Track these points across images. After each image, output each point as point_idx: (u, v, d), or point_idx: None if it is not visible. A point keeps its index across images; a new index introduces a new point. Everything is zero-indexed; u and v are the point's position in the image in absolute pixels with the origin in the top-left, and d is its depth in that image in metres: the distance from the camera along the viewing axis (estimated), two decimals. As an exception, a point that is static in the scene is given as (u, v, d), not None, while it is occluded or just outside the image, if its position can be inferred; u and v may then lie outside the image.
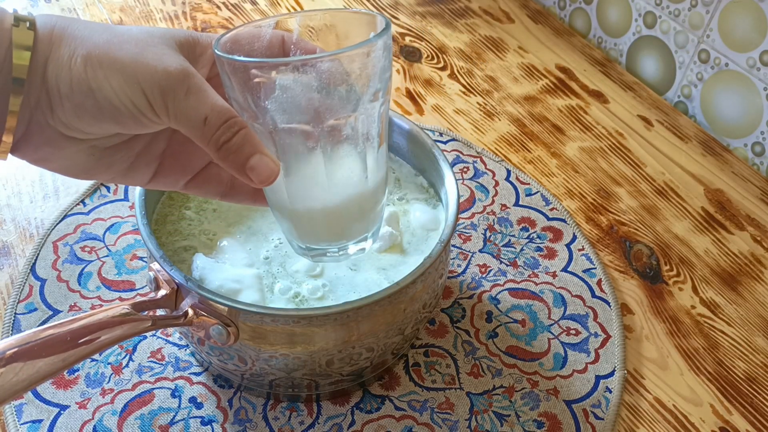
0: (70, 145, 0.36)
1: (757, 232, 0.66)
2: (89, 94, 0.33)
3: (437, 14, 0.89)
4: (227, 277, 0.46)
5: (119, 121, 0.34)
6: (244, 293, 0.45)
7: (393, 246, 0.50)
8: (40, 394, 0.50)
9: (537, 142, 0.73)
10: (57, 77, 0.33)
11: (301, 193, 0.39)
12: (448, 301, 0.57)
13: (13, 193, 0.63)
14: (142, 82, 0.33)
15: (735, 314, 0.59)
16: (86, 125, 0.34)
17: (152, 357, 0.52)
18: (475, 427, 0.50)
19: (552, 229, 0.63)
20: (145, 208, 0.46)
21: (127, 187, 0.64)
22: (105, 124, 0.34)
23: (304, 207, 0.40)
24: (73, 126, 0.34)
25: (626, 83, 0.81)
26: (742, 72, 0.71)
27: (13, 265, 0.58)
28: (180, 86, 0.33)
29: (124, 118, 0.34)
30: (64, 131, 0.35)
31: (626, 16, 0.82)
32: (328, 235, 0.42)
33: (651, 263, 0.63)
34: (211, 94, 0.34)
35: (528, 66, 0.82)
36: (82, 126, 0.34)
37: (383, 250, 0.50)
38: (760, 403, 0.54)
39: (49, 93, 0.33)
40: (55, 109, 0.34)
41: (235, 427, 0.49)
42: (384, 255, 0.50)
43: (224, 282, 0.45)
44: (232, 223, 0.51)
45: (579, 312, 0.57)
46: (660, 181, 0.70)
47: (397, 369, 0.53)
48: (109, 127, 0.35)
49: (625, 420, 0.52)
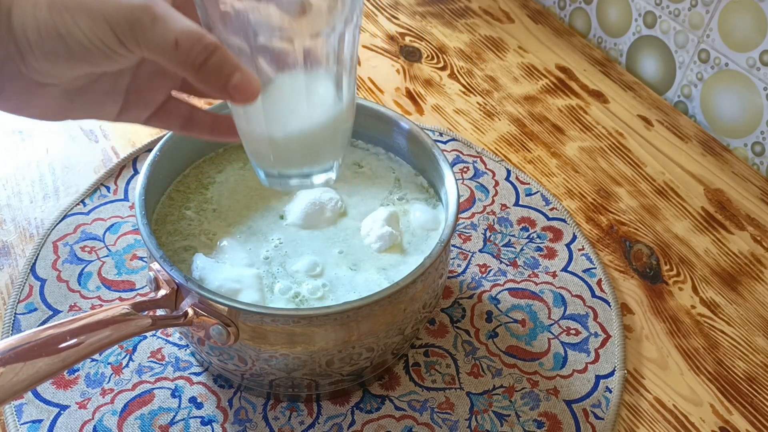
0: (44, 92, 0.36)
1: (757, 231, 0.66)
2: (59, 40, 0.33)
3: (437, 14, 0.89)
4: (227, 277, 0.46)
5: (92, 61, 0.34)
6: (244, 293, 0.45)
7: (393, 246, 0.50)
8: (40, 394, 0.50)
9: (537, 142, 0.73)
10: (23, 26, 0.33)
11: (279, 115, 0.39)
12: (448, 301, 0.57)
13: (13, 193, 0.63)
14: (109, 19, 0.33)
15: (735, 314, 0.59)
16: (60, 70, 0.35)
17: (152, 357, 0.52)
18: (475, 427, 0.50)
19: (552, 229, 0.63)
20: (145, 208, 0.46)
21: (127, 187, 0.64)
22: (78, 66, 0.35)
23: (281, 130, 0.40)
24: (47, 72, 0.35)
25: (626, 83, 0.81)
26: (742, 72, 0.71)
27: (13, 265, 0.58)
28: (145, 15, 0.33)
29: (96, 57, 0.34)
30: (38, 79, 0.35)
31: (626, 15, 0.82)
32: (302, 159, 0.41)
33: (651, 263, 0.63)
34: (179, 18, 0.34)
35: (528, 66, 0.82)
36: (57, 71, 0.35)
37: (383, 250, 0.50)
38: (760, 403, 0.54)
39: (18, 43, 0.34)
40: (27, 58, 0.34)
41: (235, 427, 0.49)
42: (384, 255, 0.50)
43: (224, 282, 0.45)
44: (232, 223, 0.51)
45: (579, 312, 0.57)
46: (660, 180, 0.70)
47: (397, 369, 0.53)
48: (82, 67, 0.35)
49: (625, 420, 0.52)
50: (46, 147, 0.68)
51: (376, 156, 0.56)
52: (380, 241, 0.49)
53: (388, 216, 0.50)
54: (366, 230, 0.50)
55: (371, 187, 0.54)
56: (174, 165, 0.53)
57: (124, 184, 0.64)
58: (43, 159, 0.66)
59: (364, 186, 0.54)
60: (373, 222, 0.50)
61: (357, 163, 0.56)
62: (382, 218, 0.50)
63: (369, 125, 0.56)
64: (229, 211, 0.52)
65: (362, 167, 0.56)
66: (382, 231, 0.50)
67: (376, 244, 0.49)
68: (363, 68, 0.80)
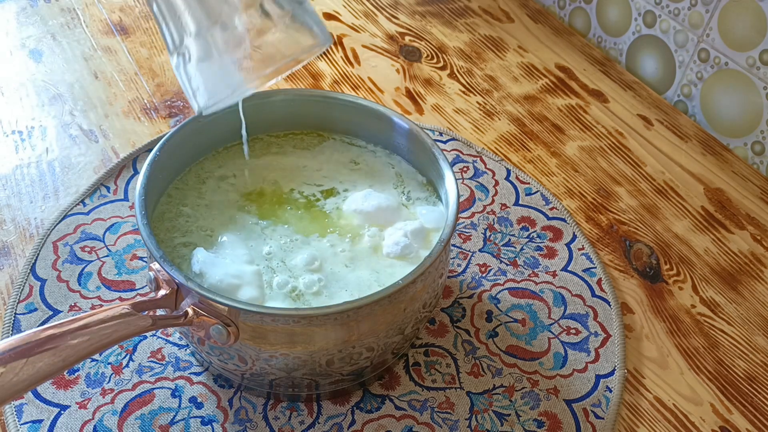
0: None
1: (757, 231, 0.66)
2: None
3: (437, 14, 0.89)
4: (227, 273, 0.46)
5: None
6: (244, 289, 0.45)
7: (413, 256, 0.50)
8: (40, 394, 0.50)
9: (537, 142, 0.73)
10: None
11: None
12: (448, 301, 0.57)
13: (13, 193, 0.63)
14: None
15: (735, 313, 0.59)
16: None
17: (152, 357, 0.52)
18: (476, 426, 0.50)
19: (552, 229, 0.63)
20: (145, 208, 0.46)
21: (127, 187, 0.64)
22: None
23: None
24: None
25: (626, 82, 0.81)
26: (741, 71, 0.71)
27: (13, 265, 0.58)
28: None
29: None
30: None
31: (626, 15, 0.82)
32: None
33: (651, 262, 0.63)
34: None
35: (528, 65, 0.82)
36: None
37: (392, 256, 0.49)
38: (760, 403, 0.54)
39: None
40: None
41: (235, 426, 0.49)
42: (385, 258, 0.50)
43: (224, 277, 0.45)
44: (226, 220, 0.51)
45: (579, 311, 0.57)
46: (660, 180, 0.70)
47: (398, 369, 0.53)
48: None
49: (625, 419, 0.52)
50: (46, 147, 0.68)
51: (373, 154, 0.57)
52: (395, 247, 0.49)
53: (415, 230, 0.50)
54: (389, 235, 0.50)
55: (375, 185, 0.54)
56: (174, 164, 0.53)
57: (124, 184, 0.64)
58: (43, 159, 0.66)
59: (363, 182, 0.54)
60: (396, 231, 0.50)
61: (353, 160, 0.56)
62: (409, 231, 0.50)
63: (369, 125, 0.56)
64: (222, 208, 0.52)
65: (358, 164, 0.56)
66: (401, 240, 0.49)
67: (390, 248, 0.49)
68: (363, 68, 0.80)
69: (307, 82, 0.78)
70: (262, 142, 0.57)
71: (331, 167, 0.56)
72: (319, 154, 0.57)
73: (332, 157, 0.56)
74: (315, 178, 0.55)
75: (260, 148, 0.57)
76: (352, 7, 0.89)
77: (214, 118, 0.53)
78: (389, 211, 0.52)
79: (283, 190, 0.54)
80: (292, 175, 0.55)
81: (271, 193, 0.53)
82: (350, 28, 0.86)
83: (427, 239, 0.51)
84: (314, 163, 0.56)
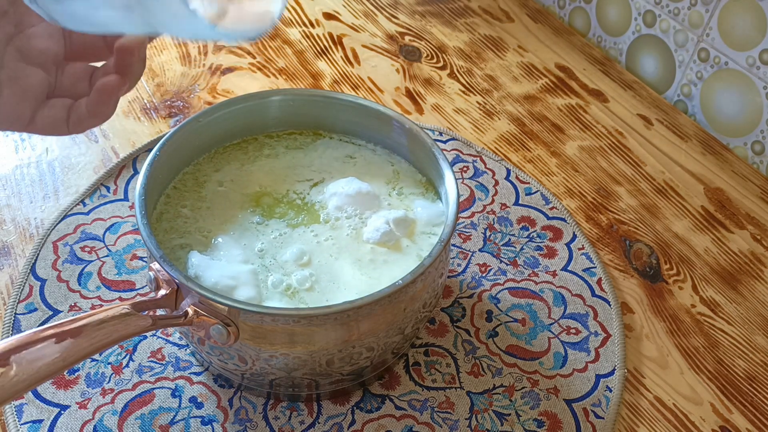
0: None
1: (757, 230, 0.66)
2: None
3: (437, 13, 0.89)
4: (223, 274, 0.46)
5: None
6: (240, 290, 0.45)
7: (394, 244, 0.50)
8: (40, 394, 0.50)
9: (537, 142, 0.73)
10: None
11: None
12: (448, 301, 0.57)
13: (13, 193, 0.63)
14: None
15: (735, 313, 0.59)
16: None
17: (152, 357, 0.52)
18: (476, 426, 0.50)
19: (552, 228, 0.63)
20: (145, 208, 0.46)
21: (127, 187, 0.64)
22: None
23: None
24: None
25: (626, 82, 0.81)
26: (741, 71, 0.71)
27: (13, 265, 0.58)
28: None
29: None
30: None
31: (626, 15, 0.82)
32: None
33: (651, 262, 0.63)
34: None
35: (527, 65, 0.82)
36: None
37: (374, 242, 0.50)
38: (760, 402, 0.54)
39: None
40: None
41: (235, 426, 0.49)
42: (375, 247, 0.49)
43: (220, 279, 0.45)
44: (225, 221, 0.51)
45: (579, 311, 0.57)
46: (660, 179, 0.70)
47: (398, 368, 0.53)
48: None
49: (625, 419, 0.52)
50: (46, 147, 0.68)
51: (373, 152, 0.57)
52: (375, 233, 0.49)
53: (398, 218, 0.50)
54: (370, 222, 0.51)
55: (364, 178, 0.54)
56: (173, 164, 0.53)
57: (123, 184, 0.64)
58: (43, 159, 0.66)
59: (353, 174, 0.54)
60: (378, 218, 0.51)
61: (350, 155, 0.56)
62: (391, 218, 0.50)
63: (369, 124, 0.56)
64: (223, 209, 0.52)
65: (354, 158, 0.56)
66: (381, 226, 0.50)
67: (370, 235, 0.50)
68: (363, 68, 0.80)
69: (306, 81, 0.78)
70: (257, 143, 0.57)
71: (324, 161, 0.56)
72: (313, 150, 0.57)
73: (326, 153, 0.57)
74: (306, 173, 0.55)
75: (253, 150, 0.56)
76: (352, 6, 0.89)
77: (214, 118, 0.53)
78: (369, 197, 0.52)
79: (279, 186, 0.54)
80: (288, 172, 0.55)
81: (268, 191, 0.53)
82: (350, 27, 0.86)
83: (411, 229, 0.51)
84: (306, 160, 0.56)
